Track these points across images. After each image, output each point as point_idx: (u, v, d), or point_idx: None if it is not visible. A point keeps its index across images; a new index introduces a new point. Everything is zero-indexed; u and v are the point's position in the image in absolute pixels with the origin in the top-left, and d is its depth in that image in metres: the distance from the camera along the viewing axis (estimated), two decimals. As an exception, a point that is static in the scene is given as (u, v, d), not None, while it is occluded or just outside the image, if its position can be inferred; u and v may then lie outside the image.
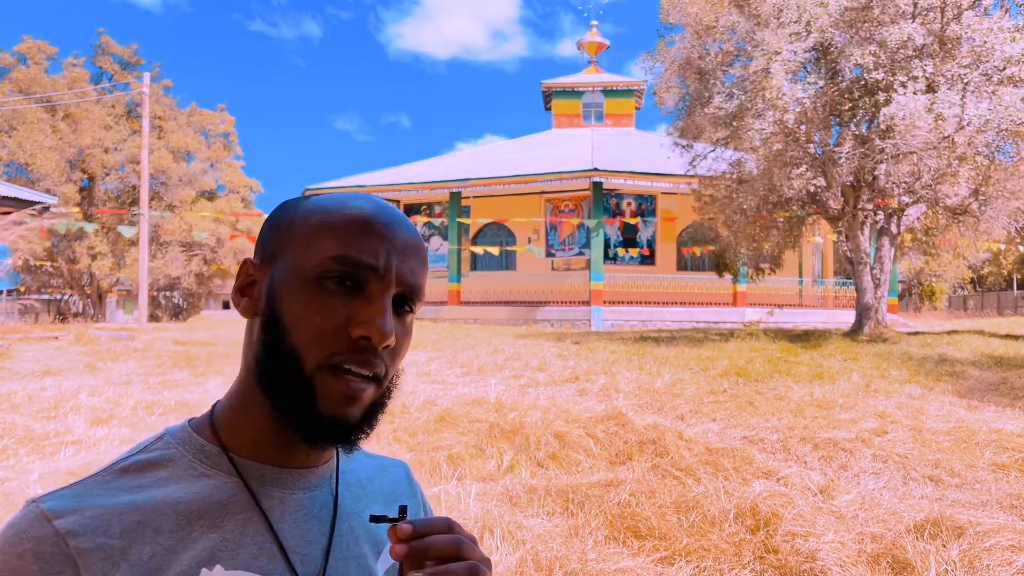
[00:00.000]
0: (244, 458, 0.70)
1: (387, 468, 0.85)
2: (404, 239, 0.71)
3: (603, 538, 3.69)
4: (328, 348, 0.66)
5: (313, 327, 0.66)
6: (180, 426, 0.73)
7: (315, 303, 0.66)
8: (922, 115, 10.23)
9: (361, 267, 0.67)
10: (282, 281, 0.68)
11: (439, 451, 5.27)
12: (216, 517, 0.65)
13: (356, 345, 0.66)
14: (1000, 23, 10.75)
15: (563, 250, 22.48)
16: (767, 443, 5.74)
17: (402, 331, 0.71)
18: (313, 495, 0.72)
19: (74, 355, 11.13)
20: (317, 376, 0.66)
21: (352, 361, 0.66)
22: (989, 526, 3.46)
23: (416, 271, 0.71)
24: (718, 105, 12.67)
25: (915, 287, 37.19)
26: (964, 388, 8.08)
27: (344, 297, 0.67)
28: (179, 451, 0.69)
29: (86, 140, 31.14)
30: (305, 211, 0.71)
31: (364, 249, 0.67)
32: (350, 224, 0.69)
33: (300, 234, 0.69)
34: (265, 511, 0.68)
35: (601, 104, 27.77)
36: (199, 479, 0.67)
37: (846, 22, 11.73)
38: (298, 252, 0.69)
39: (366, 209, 0.70)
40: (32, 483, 4.36)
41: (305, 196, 0.74)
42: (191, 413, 3.74)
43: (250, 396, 0.70)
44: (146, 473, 0.67)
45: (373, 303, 0.67)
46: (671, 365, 9.65)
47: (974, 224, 12.91)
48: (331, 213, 0.70)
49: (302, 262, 0.68)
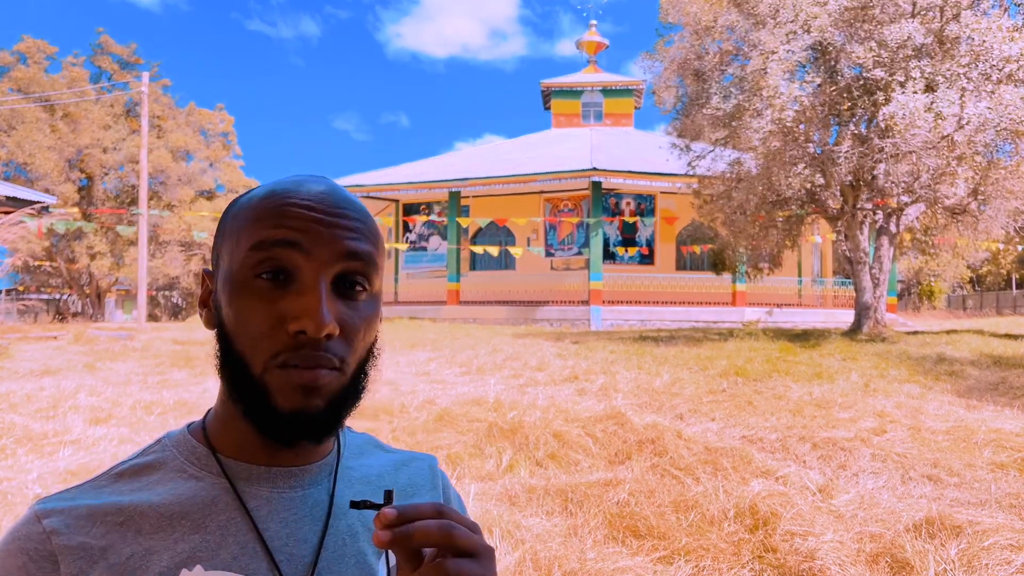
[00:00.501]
0: (232, 459, 0.69)
1: (407, 462, 0.81)
2: (335, 211, 0.65)
3: (602, 537, 3.69)
4: (270, 350, 0.63)
5: (251, 331, 0.64)
6: (179, 430, 0.73)
7: (248, 305, 0.64)
8: (921, 114, 10.23)
9: (280, 245, 0.63)
10: (221, 288, 0.67)
11: (438, 451, 5.27)
12: (199, 518, 0.65)
13: (297, 341, 0.63)
14: (999, 22, 10.76)
15: (562, 250, 22.48)
16: (766, 442, 5.74)
17: (354, 316, 0.65)
18: (306, 493, 0.70)
19: (73, 355, 11.12)
20: (267, 376, 0.64)
21: (296, 358, 0.63)
22: (988, 525, 3.46)
23: (355, 239, 0.65)
24: (716, 105, 12.67)
25: (914, 287, 37.21)
26: (963, 387, 8.08)
27: (276, 293, 0.63)
28: (172, 454, 0.70)
29: (85, 139, 31.13)
30: (235, 210, 0.69)
31: (283, 228, 0.63)
32: (268, 208, 0.65)
33: (230, 233, 0.67)
34: (250, 510, 0.67)
35: (600, 104, 27.77)
36: (187, 481, 0.67)
37: (845, 21, 11.74)
38: (229, 254, 0.66)
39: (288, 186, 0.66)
40: (31, 482, 4.35)
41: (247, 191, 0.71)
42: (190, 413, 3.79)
43: (227, 403, 0.69)
44: (140, 477, 0.67)
45: (305, 292, 0.62)
46: (670, 365, 9.65)
47: (973, 224, 12.92)
48: (252, 203, 0.66)
49: (232, 263, 0.65)
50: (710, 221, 15.49)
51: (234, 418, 0.68)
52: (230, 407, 0.68)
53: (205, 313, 0.71)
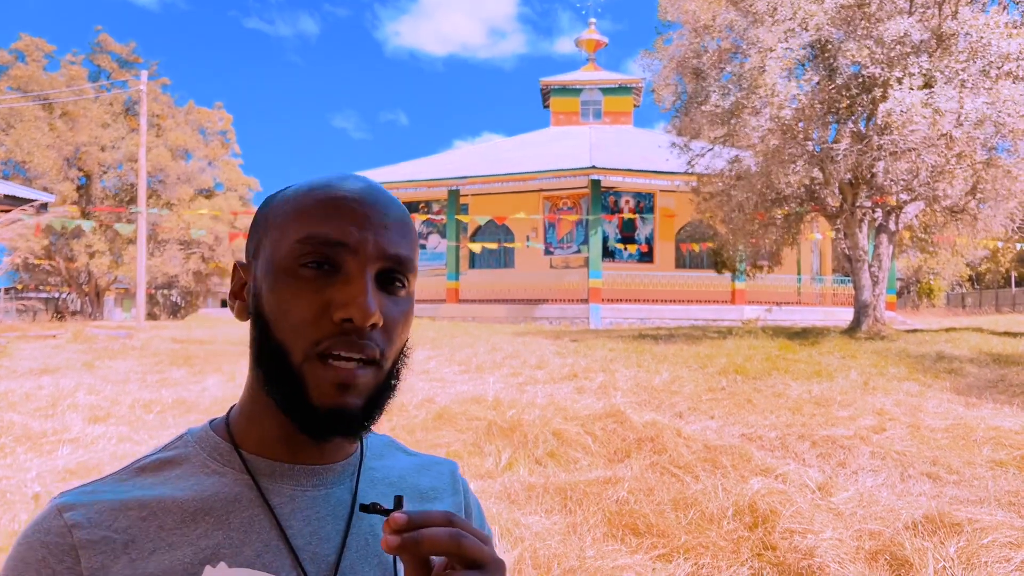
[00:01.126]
0: (255, 455, 0.69)
1: (428, 466, 0.82)
2: (379, 211, 0.67)
3: (601, 535, 3.69)
4: (312, 336, 0.64)
5: (294, 317, 0.64)
6: (201, 426, 0.73)
7: (292, 293, 0.64)
8: (919, 110, 10.23)
9: (330, 244, 0.64)
10: (262, 276, 0.68)
11: (438, 449, 5.28)
12: (222, 514, 0.65)
13: (341, 329, 0.63)
14: (997, 19, 10.76)
15: (561, 248, 22.48)
16: (765, 440, 5.75)
17: (394, 308, 0.67)
18: (329, 492, 0.70)
19: (72, 353, 11.12)
20: (306, 367, 0.64)
21: (339, 346, 0.63)
22: (987, 523, 3.46)
23: (398, 242, 0.67)
24: (715, 103, 12.66)
25: (913, 285, 37.24)
26: (962, 385, 8.09)
27: (322, 281, 0.64)
28: (194, 449, 0.70)
29: (83, 138, 31.09)
30: (279, 201, 0.70)
31: (333, 227, 0.65)
32: (317, 203, 0.66)
33: (273, 225, 0.68)
34: (273, 507, 0.66)
35: (599, 102, 27.75)
36: (209, 476, 0.67)
37: (842, 19, 11.73)
38: (273, 244, 0.67)
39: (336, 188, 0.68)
40: (30, 481, 4.35)
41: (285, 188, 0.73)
42: (188, 411, 3.79)
43: (257, 395, 0.69)
44: (161, 472, 0.67)
45: (352, 282, 0.64)
46: (669, 363, 9.65)
47: (972, 222, 12.93)
48: (300, 198, 0.68)
49: (276, 253, 0.66)
50: (709, 219, 15.49)
51: (262, 413, 0.68)
52: (262, 400, 0.68)
53: (237, 304, 0.71)
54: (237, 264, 0.73)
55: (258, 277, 0.68)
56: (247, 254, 0.72)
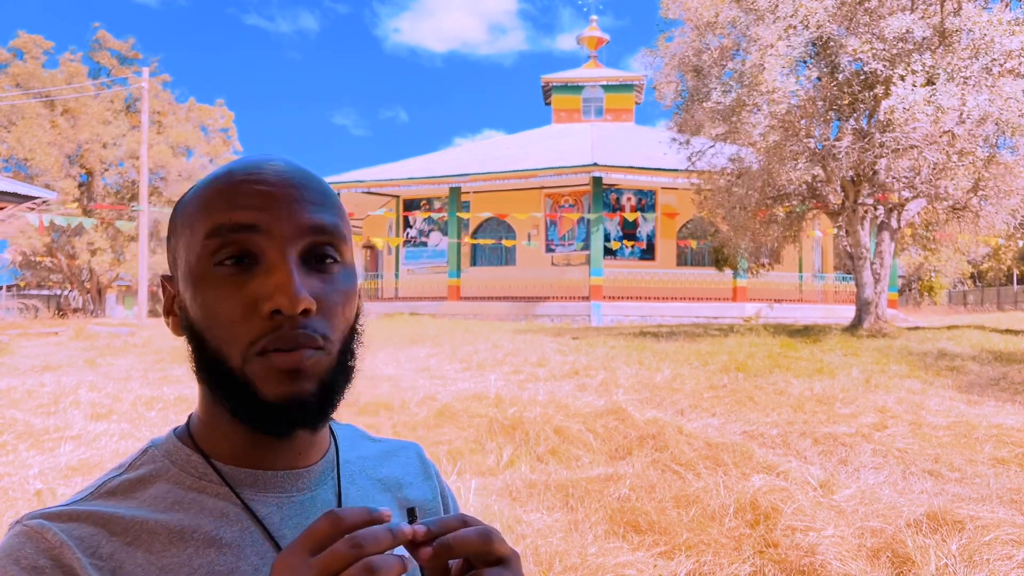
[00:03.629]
0: (231, 465, 0.65)
1: (395, 452, 0.79)
2: (289, 183, 0.61)
3: (603, 533, 3.69)
4: (246, 337, 0.59)
5: (223, 322, 0.60)
6: (165, 437, 0.68)
7: (214, 296, 0.60)
8: (921, 107, 10.21)
9: (239, 230, 0.59)
10: (183, 286, 0.63)
11: (439, 446, 5.28)
12: (211, 531, 0.61)
13: (273, 323, 0.58)
14: (1000, 16, 10.73)
15: (563, 245, 22.46)
16: (767, 438, 5.74)
17: (328, 287, 0.62)
18: (314, 495, 0.67)
19: (73, 350, 11.13)
20: (247, 368, 0.59)
21: (276, 342, 0.59)
22: (989, 520, 3.46)
23: (318, 212, 0.61)
24: (716, 100, 12.65)
25: (915, 282, 37.20)
26: (964, 383, 8.08)
27: (242, 276, 0.60)
28: (164, 464, 0.65)
29: (84, 135, 31.09)
30: (184, 203, 0.65)
31: (238, 211, 0.59)
32: (219, 192, 0.61)
33: (182, 227, 0.64)
34: (261, 519, 0.63)
35: (601, 99, 27.72)
36: (188, 493, 0.63)
37: (843, 15, 11.70)
38: (185, 247, 0.63)
39: (236, 169, 0.62)
40: (31, 478, 4.36)
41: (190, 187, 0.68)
42: (190, 408, 3.75)
43: (211, 406, 0.65)
44: (133, 494, 0.62)
45: (273, 269, 0.59)
46: (671, 360, 9.65)
47: (974, 219, 12.91)
48: (202, 191, 0.63)
49: (189, 256, 0.62)
50: (711, 216, 15.48)
51: (222, 423, 0.64)
52: (215, 411, 0.64)
53: (172, 321, 0.66)
54: (163, 278, 0.68)
55: (180, 288, 0.64)
56: (169, 266, 0.67)
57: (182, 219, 0.64)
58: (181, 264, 0.63)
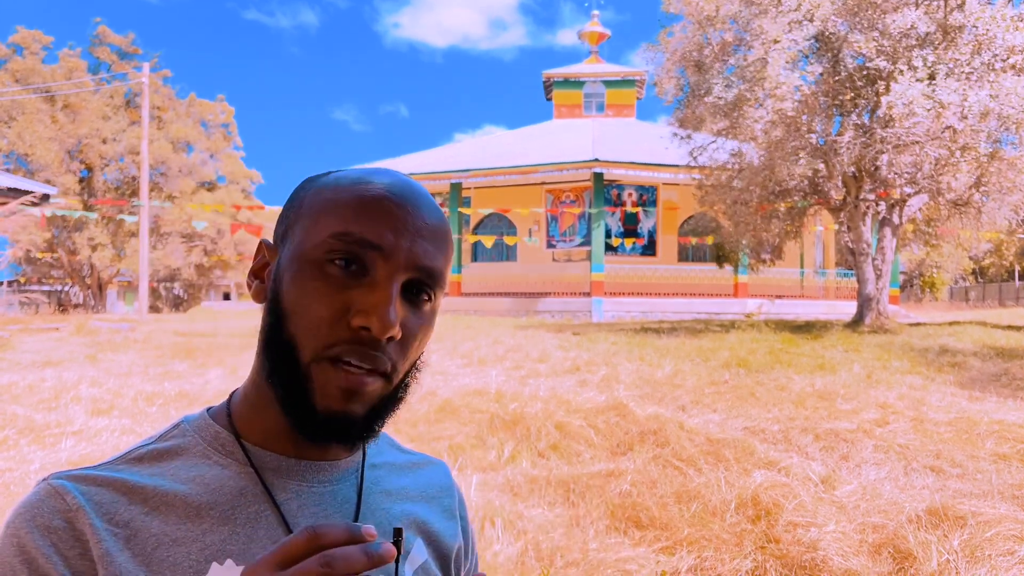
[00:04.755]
0: (260, 448, 0.66)
1: (421, 464, 0.80)
2: (419, 218, 0.64)
3: (604, 528, 3.69)
4: (326, 339, 0.61)
5: (311, 314, 0.61)
6: (198, 414, 0.70)
7: (314, 288, 0.61)
8: (921, 102, 10.18)
9: (363, 245, 0.61)
10: (287, 263, 0.64)
11: (440, 441, 5.28)
12: (228, 509, 0.62)
13: (357, 336, 0.60)
14: (1003, 12, 10.69)
15: (564, 241, 22.45)
16: (768, 434, 5.74)
17: (416, 321, 0.64)
18: (335, 489, 0.68)
19: (75, 346, 11.14)
20: (314, 367, 0.61)
21: (351, 354, 0.60)
22: (990, 516, 3.46)
23: (433, 255, 0.64)
24: (718, 95, 12.62)
25: (916, 278, 37.17)
26: (965, 379, 8.07)
27: (347, 282, 0.61)
28: (194, 439, 0.66)
29: (85, 130, 31.07)
30: (318, 188, 0.67)
31: (368, 226, 0.62)
32: (358, 200, 0.63)
33: (308, 212, 0.65)
34: (279, 504, 0.64)
35: (602, 94, 27.66)
36: (212, 468, 0.64)
37: (847, 10, 11.67)
38: (304, 231, 0.64)
39: (379, 184, 0.65)
40: (33, 473, 4.36)
41: (326, 173, 0.70)
42: (191, 404, 3.79)
43: (262, 384, 0.66)
44: (160, 463, 0.64)
45: (377, 289, 0.61)
46: (672, 356, 9.65)
47: (976, 215, 12.88)
48: (340, 189, 0.65)
49: (306, 242, 0.63)
50: (712, 212, 15.45)
51: (267, 404, 0.65)
52: (264, 391, 0.65)
53: (256, 285, 0.68)
54: (263, 243, 0.70)
55: (282, 263, 0.65)
56: (275, 235, 0.69)
57: (312, 203, 0.66)
58: (293, 242, 0.65)
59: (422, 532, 0.73)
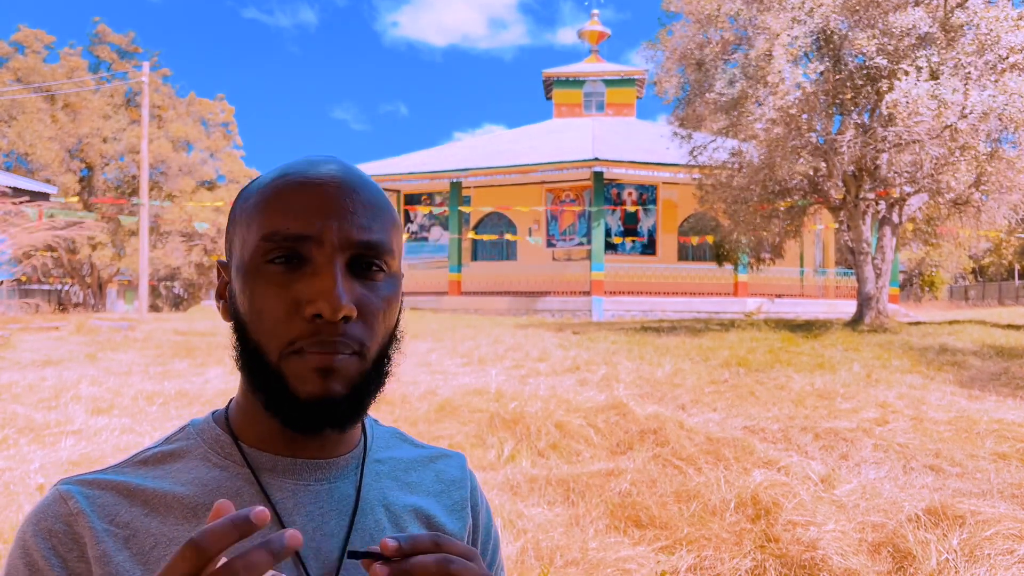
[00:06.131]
0: (256, 449, 0.68)
1: (435, 459, 0.80)
2: (346, 195, 0.64)
3: (604, 527, 3.69)
4: (286, 336, 0.62)
5: (266, 317, 0.63)
6: (204, 418, 0.72)
7: (262, 292, 0.63)
8: (924, 101, 10.18)
9: (293, 239, 0.62)
10: (235, 277, 0.66)
11: (440, 441, 5.28)
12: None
13: (314, 326, 0.61)
14: (1006, 11, 10.69)
15: (564, 240, 22.45)
16: (768, 433, 5.74)
17: (372, 296, 0.64)
18: (333, 487, 0.69)
19: (74, 345, 11.14)
20: (283, 364, 0.62)
21: (313, 344, 0.61)
22: (990, 515, 3.46)
23: (368, 227, 0.64)
24: (719, 92, 12.61)
25: (916, 277, 37.18)
26: (965, 378, 8.07)
27: (290, 277, 0.62)
28: (196, 442, 0.69)
29: (85, 129, 31.05)
30: (245, 195, 0.68)
31: (294, 220, 0.62)
32: (278, 194, 0.64)
33: (241, 221, 0.66)
34: (275, 503, 0.66)
35: (602, 93, 27.66)
36: (211, 470, 0.67)
37: (849, 8, 11.67)
38: (241, 242, 0.66)
39: (298, 172, 0.65)
40: (33, 472, 4.36)
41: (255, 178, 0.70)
42: (191, 403, 3.78)
43: (248, 393, 0.68)
44: (164, 465, 0.67)
45: (319, 274, 0.61)
46: (672, 355, 9.65)
47: (976, 214, 12.89)
48: (261, 190, 0.65)
49: (244, 252, 0.65)
50: (712, 211, 15.45)
51: (256, 409, 0.67)
52: (251, 398, 0.67)
53: (222, 305, 0.70)
54: (219, 264, 0.71)
55: (232, 278, 0.67)
56: (226, 253, 0.70)
57: (241, 213, 0.67)
58: (236, 255, 0.67)
59: (428, 526, 0.74)
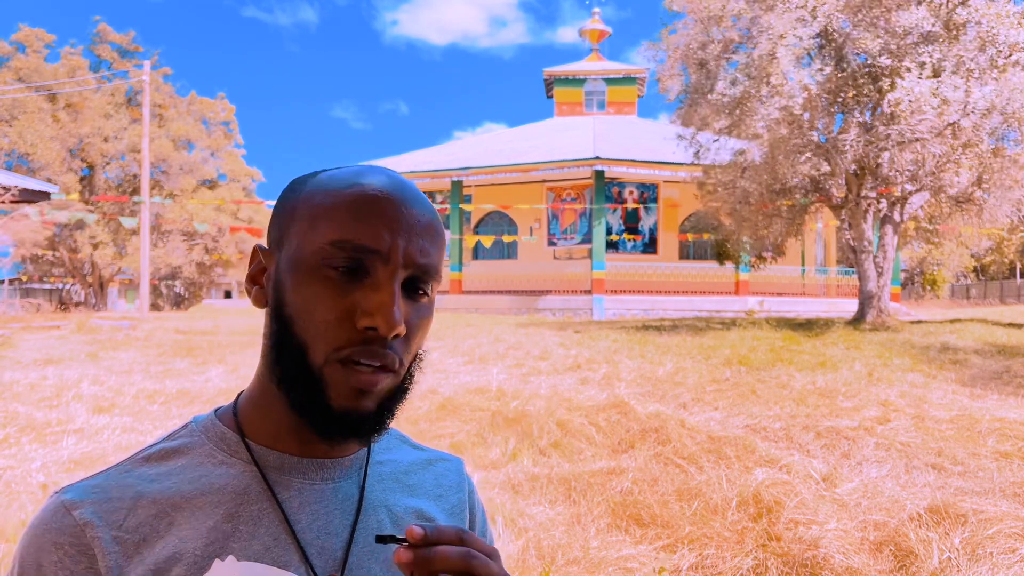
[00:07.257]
0: (263, 447, 0.68)
1: (434, 462, 0.81)
2: (414, 216, 0.66)
3: (605, 526, 3.69)
4: (334, 341, 0.63)
5: (318, 319, 0.63)
6: (207, 415, 0.72)
7: (318, 293, 0.63)
8: (927, 99, 10.17)
9: (363, 251, 0.63)
10: (286, 269, 0.66)
11: (442, 439, 5.28)
12: (231, 507, 0.64)
13: (364, 336, 0.62)
14: (1007, 8, 10.67)
15: (565, 239, 22.44)
16: (769, 431, 5.74)
17: (416, 317, 0.66)
18: (337, 486, 0.70)
19: (76, 344, 11.15)
20: (326, 369, 0.63)
21: (361, 354, 0.63)
22: (992, 514, 3.45)
23: (429, 251, 0.66)
24: (722, 91, 12.59)
25: (918, 276, 37.15)
26: (967, 376, 8.07)
27: (349, 284, 0.63)
28: (200, 439, 0.69)
29: (86, 129, 31.06)
30: (309, 191, 0.68)
31: (366, 231, 0.63)
32: (352, 204, 0.64)
33: (302, 217, 0.66)
34: (281, 501, 0.66)
35: (603, 92, 27.63)
36: (217, 467, 0.67)
37: (852, 7, 11.65)
38: (300, 237, 0.65)
39: (371, 186, 0.66)
40: (34, 471, 4.36)
41: (314, 173, 0.70)
42: (192, 402, 3.78)
43: (268, 387, 0.68)
44: (166, 462, 0.67)
45: (379, 290, 0.62)
46: (673, 354, 9.64)
47: (977, 212, 12.86)
48: (333, 193, 0.66)
49: (304, 248, 0.65)
50: (714, 210, 15.43)
51: (272, 405, 0.67)
52: (272, 394, 0.67)
53: (255, 291, 0.69)
54: (258, 248, 0.71)
55: (281, 269, 0.67)
56: (269, 240, 0.70)
57: (305, 207, 0.66)
58: (290, 248, 0.66)
59: None
